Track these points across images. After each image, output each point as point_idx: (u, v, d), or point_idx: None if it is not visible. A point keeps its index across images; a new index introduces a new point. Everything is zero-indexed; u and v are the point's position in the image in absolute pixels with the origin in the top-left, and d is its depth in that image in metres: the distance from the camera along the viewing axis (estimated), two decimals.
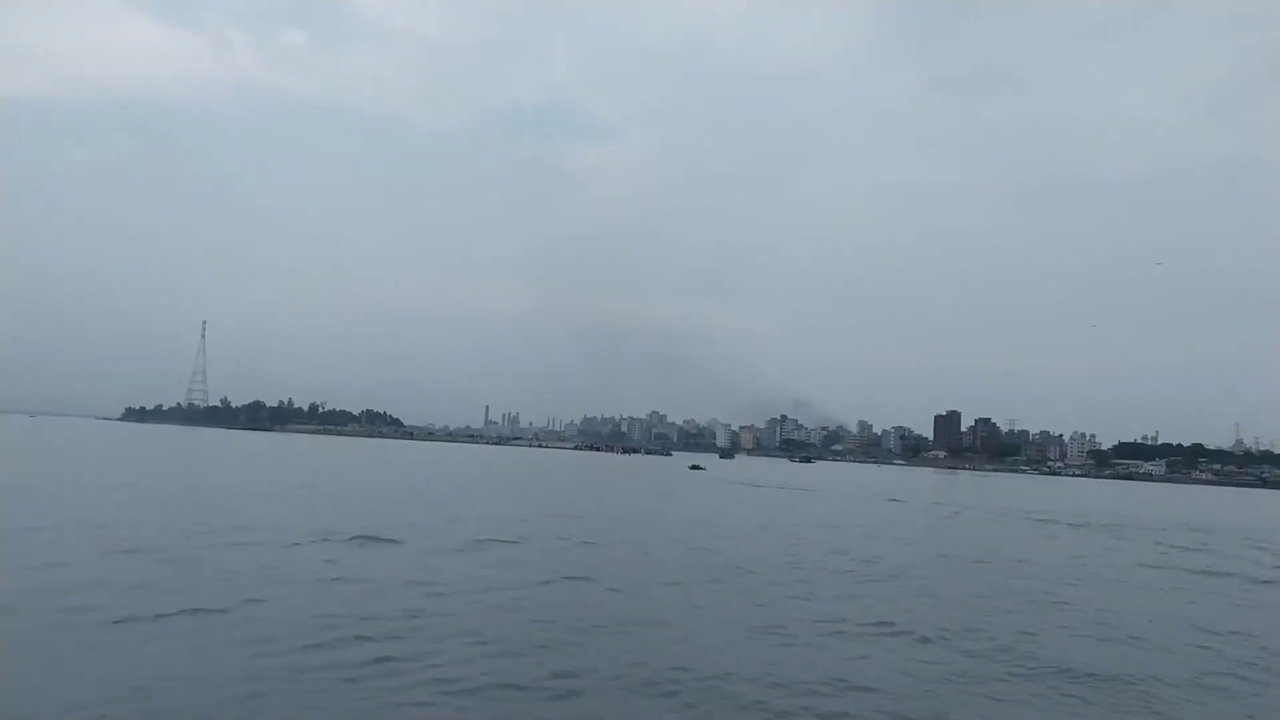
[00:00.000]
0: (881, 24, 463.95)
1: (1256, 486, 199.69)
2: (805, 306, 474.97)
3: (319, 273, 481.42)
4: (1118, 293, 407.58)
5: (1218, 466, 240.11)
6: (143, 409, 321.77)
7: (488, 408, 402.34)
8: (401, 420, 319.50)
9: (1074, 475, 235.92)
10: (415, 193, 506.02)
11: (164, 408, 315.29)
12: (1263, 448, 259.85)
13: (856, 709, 10.24)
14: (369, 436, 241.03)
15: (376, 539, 21.96)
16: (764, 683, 11.04)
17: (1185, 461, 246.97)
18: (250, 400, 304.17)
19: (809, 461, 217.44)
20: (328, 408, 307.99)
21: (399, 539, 22.24)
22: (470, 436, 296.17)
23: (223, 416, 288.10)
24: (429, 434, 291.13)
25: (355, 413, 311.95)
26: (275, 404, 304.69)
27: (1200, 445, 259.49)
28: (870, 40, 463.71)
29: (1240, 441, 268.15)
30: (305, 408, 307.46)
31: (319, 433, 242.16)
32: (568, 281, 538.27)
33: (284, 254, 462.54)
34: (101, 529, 21.03)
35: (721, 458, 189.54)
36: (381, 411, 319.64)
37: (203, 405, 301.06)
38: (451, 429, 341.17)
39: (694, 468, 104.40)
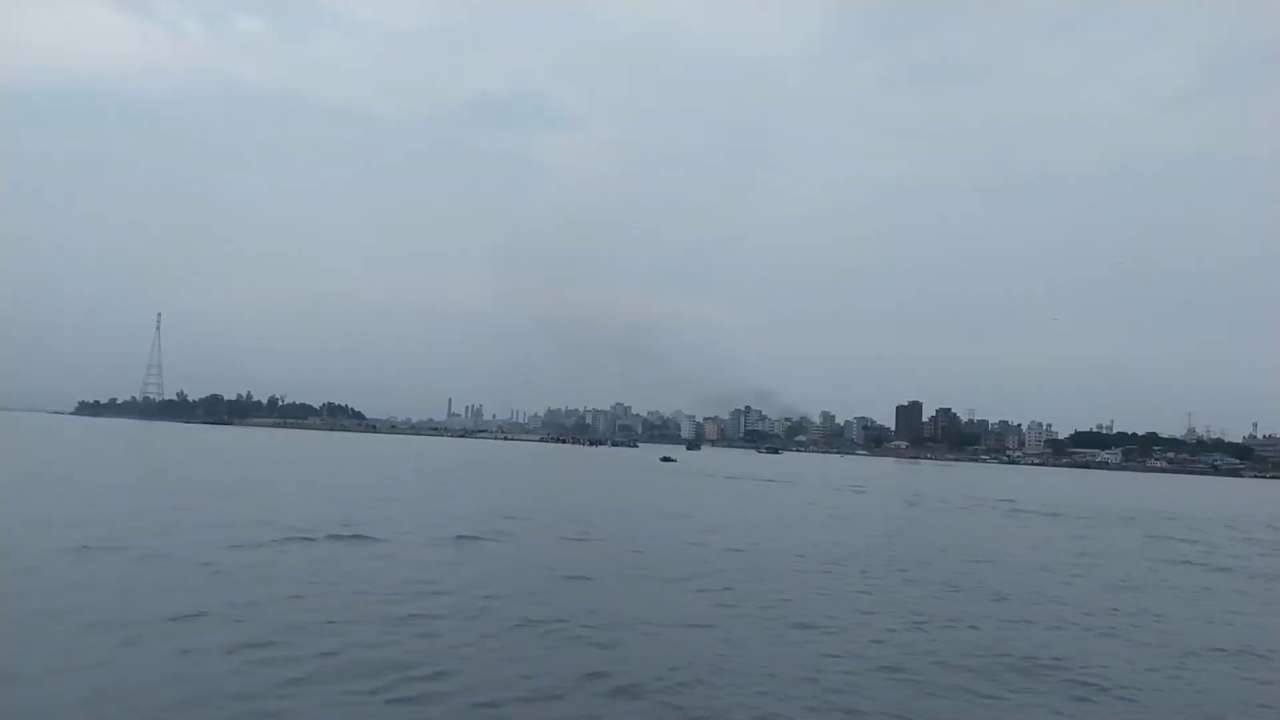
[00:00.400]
0: (844, 17, 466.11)
1: (1210, 474, 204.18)
2: (769, 298, 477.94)
3: (278, 263, 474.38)
4: (1074, 285, 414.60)
5: (1172, 455, 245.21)
6: (97, 403, 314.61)
7: (450, 400, 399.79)
8: (364, 413, 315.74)
9: (1032, 464, 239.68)
10: (377, 183, 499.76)
11: (118, 401, 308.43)
12: (1214, 436, 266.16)
13: None
14: (330, 430, 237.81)
15: (360, 536, 21.32)
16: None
17: (1140, 450, 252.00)
18: (208, 394, 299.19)
19: (776, 452, 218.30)
20: (288, 401, 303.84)
21: (380, 536, 21.62)
22: (434, 429, 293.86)
23: (179, 410, 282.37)
24: (392, 427, 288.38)
25: (316, 406, 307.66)
26: (233, 397, 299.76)
27: (1154, 434, 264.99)
28: (833, 33, 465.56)
29: (1193, 430, 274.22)
30: (265, 401, 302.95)
31: (279, 426, 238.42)
32: (532, 272, 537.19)
33: (242, 244, 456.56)
34: (74, 528, 20.11)
35: (689, 449, 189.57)
36: (343, 404, 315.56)
37: (158, 399, 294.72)
38: (414, 422, 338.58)
39: (665, 459, 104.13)
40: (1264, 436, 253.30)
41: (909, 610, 15.57)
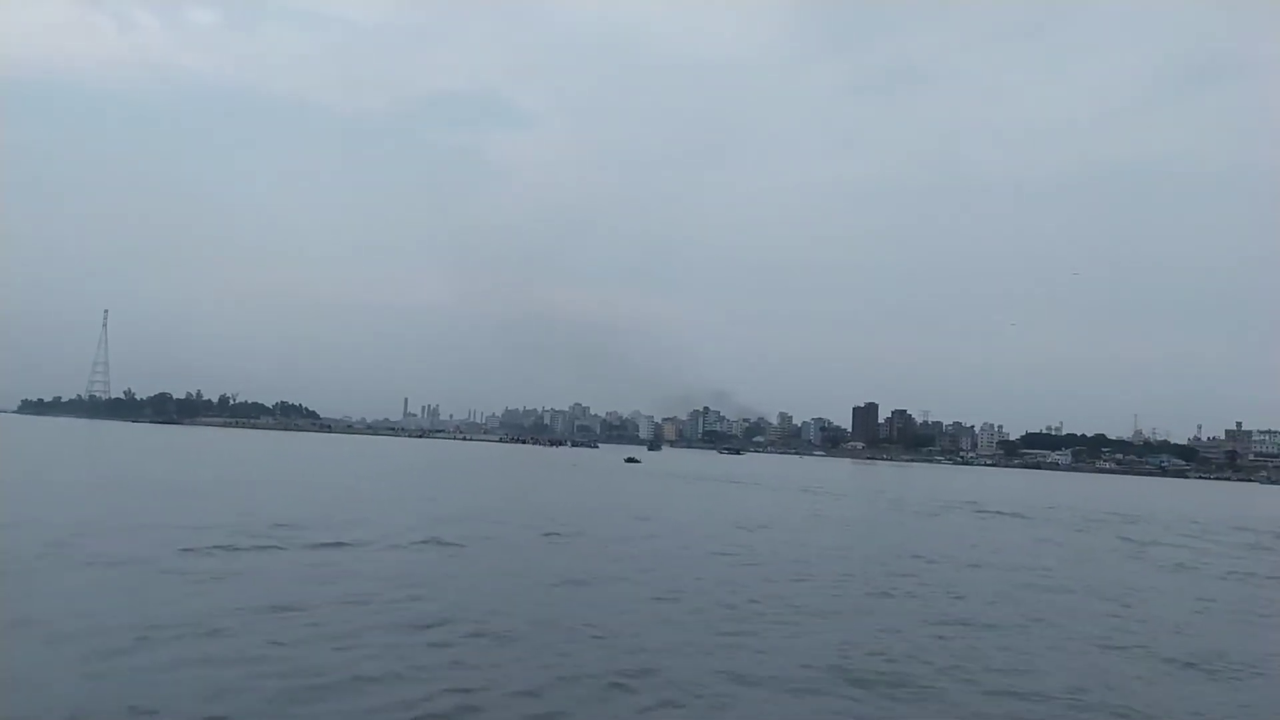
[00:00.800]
0: (802, 20, 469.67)
1: (1157, 475, 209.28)
2: (727, 298, 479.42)
3: (229, 259, 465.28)
4: (1026, 289, 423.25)
5: (1119, 456, 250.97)
6: (41, 401, 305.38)
7: (407, 400, 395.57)
8: (318, 413, 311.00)
9: (985, 465, 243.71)
10: (332, 178, 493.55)
11: (63, 400, 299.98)
12: (1160, 438, 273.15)
13: None
14: (284, 430, 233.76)
15: (340, 543, 20.64)
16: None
17: (1089, 451, 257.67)
18: (156, 392, 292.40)
19: (737, 453, 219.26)
20: (239, 400, 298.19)
21: (361, 540, 20.95)
22: (391, 429, 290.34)
23: (127, 409, 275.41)
24: (347, 427, 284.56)
25: (269, 405, 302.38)
26: (183, 396, 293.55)
27: (1103, 435, 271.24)
28: (792, 36, 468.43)
29: (1139, 432, 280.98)
30: (215, 400, 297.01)
31: (230, 426, 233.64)
32: (490, 271, 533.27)
33: (193, 240, 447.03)
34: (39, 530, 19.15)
35: (650, 450, 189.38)
36: (296, 403, 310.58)
37: (105, 397, 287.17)
38: (369, 421, 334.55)
39: (629, 460, 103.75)
40: (1208, 439, 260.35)
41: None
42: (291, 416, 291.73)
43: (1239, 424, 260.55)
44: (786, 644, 12.67)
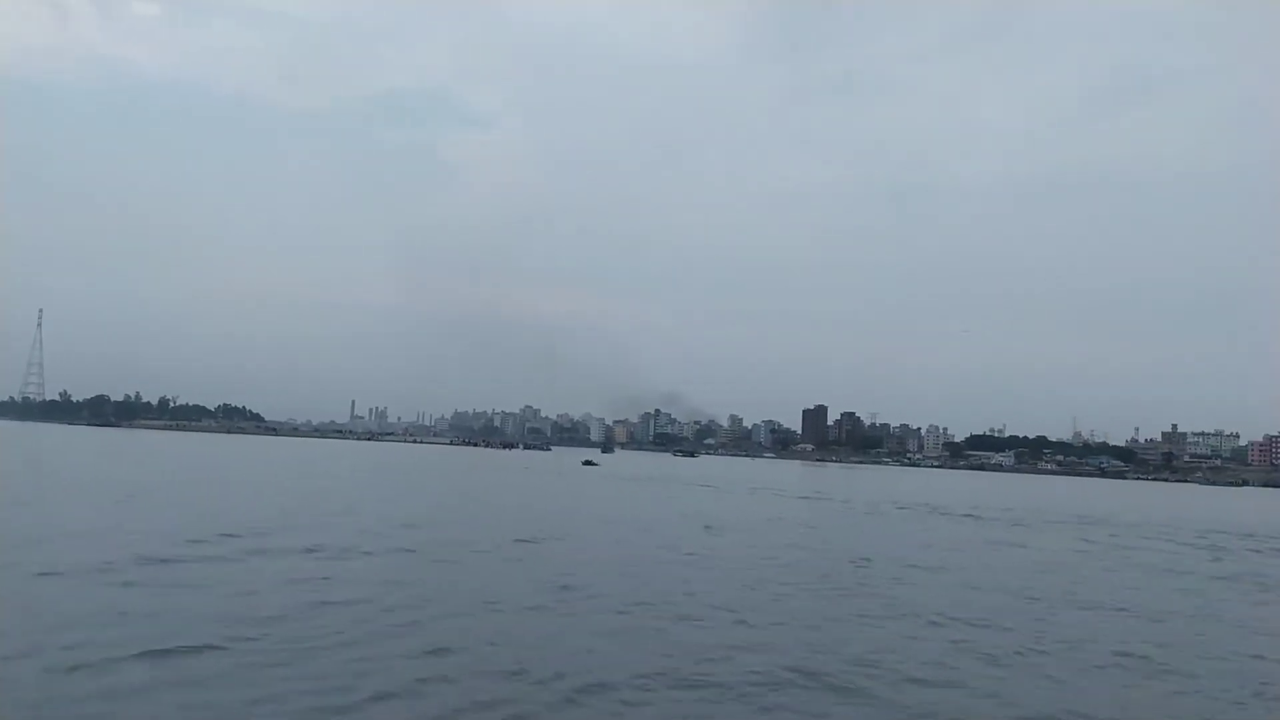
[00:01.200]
0: (756, 26, 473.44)
1: (1097, 476, 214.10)
2: (679, 301, 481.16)
3: (170, 259, 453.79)
4: (969, 293, 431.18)
5: (1060, 457, 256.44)
6: None
7: (354, 402, 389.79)
8: (262, 415, 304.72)
9: (932, 466, 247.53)
10: (278, 175, 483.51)
11: None
12: (1099, 440, 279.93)
13: None
14: (227, 433, 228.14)
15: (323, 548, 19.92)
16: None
17: (1031, 452, 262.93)
18: (93, 394, 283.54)
19: (692, 455, 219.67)
20: (180, 402, 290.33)
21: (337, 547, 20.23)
22: (338, 432, 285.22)
23: (62, 411, 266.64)
24: (293, 429, 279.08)
25: (210, 407, 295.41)
26: (121, 398, 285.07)
27: (1044, 437, 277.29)
28: (746, 41, 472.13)
29: (1079, 434, 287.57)
30: (155, 402, 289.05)
31: (171, 429, 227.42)
32: (440, 272, 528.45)
33: (132, 238, 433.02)
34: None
35: (603, 452, 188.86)
36: (240, 406, 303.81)
37: (39, 399, 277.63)
38: (315, 424, 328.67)
39: (587, 463, 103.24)
40: (1145, 441, 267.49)
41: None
42: (235, 419, 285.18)
43: (1174, 426, 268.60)
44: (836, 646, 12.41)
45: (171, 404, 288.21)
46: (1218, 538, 38.80)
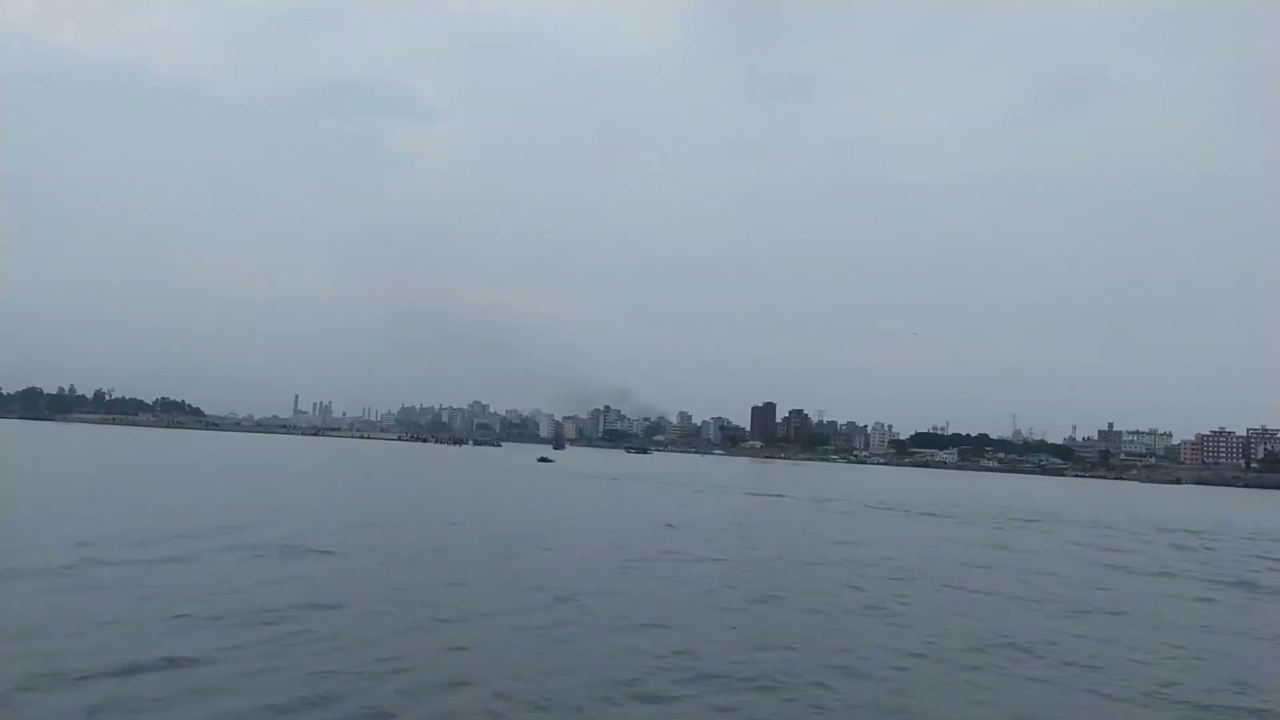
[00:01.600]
0: (703, 25, 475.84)
1: (1036, 473, 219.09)
2: (628, 298, 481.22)
3: (106, 250, 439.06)
4: (914, 293, 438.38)
5: (1001, 455, 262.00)
6: None
7: (297, 396, 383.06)
8: (202, 410, 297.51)
9: (878, 463, 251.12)
10: (217, 165, 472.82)
11: None
12: (1037, 437, 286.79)
13: None
14: (165, 427, 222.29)
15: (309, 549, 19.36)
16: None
17: (974, 450, 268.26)
18: (25, 386, 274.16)
19: (644, 452, 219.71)
20: (116, 395, 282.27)
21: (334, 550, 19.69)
22: (282, 427, 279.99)
23: None
24: (235, 424, 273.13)
25: (148, 401, 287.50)
26: (55, 391, 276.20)
27: (986, 435, 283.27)
28: (692, 41, 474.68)
29: (1019, 432, 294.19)
30: (90, 395, 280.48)
31: (107, 423, 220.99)
32: (386, 265, 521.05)
33: (66, 228, 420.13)
34: None
35: (554, 449, 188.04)
36: (179, 400, 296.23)
37: None
38: (257, 419, 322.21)
39: (542, 460, 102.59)
40: (1082, 439, 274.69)
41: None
42: (173, 413, 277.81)
43: (1110, 425, 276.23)
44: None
45: (107, 397, 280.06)
46: (1211, 539, 39.91)
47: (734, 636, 13.36)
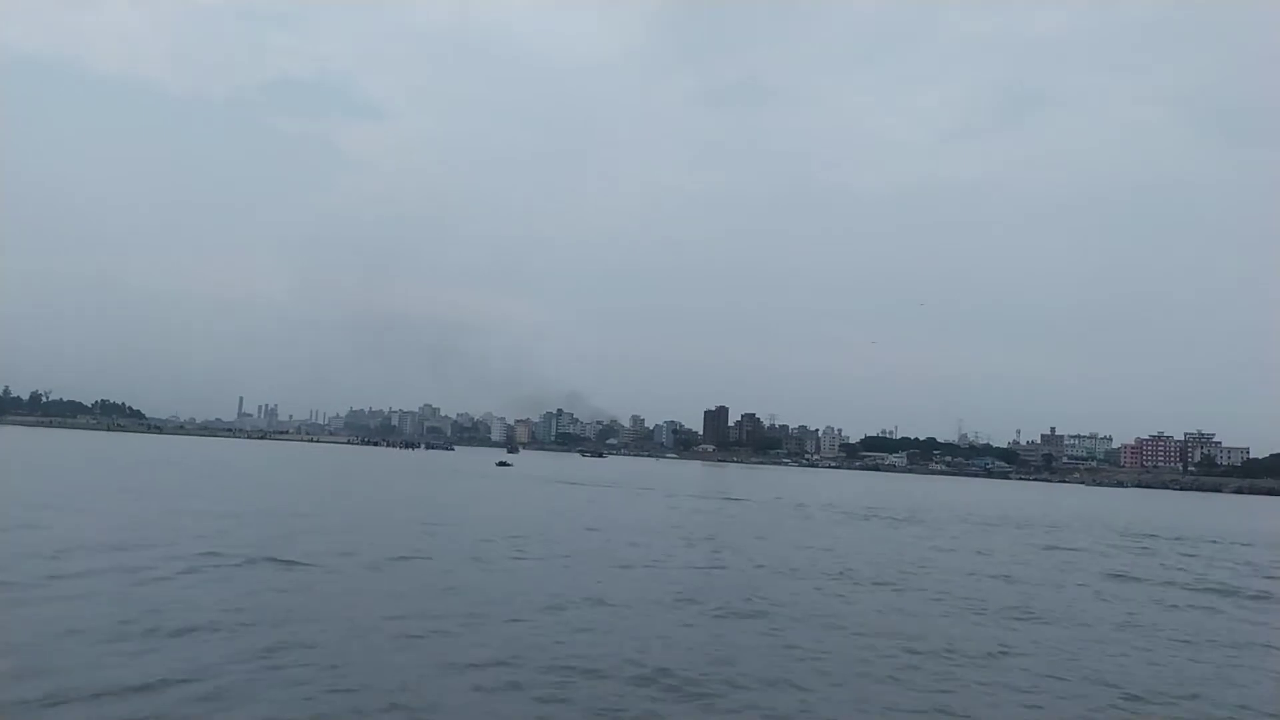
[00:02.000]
0: (660, 30, 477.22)
1: (983, 476, 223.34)
2: (580, 300, 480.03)
3: (46, 246, 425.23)
4: (860, 299, 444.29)
5: (949, 459, 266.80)
6: None
7: (241, 399, 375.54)
8: (143, 412, 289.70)
9: (830, 466, 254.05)
10: (162, 161, 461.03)
11: None
12: (982, 441, 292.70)
13: None
14: (106, 430, 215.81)
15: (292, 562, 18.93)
16: None
17: (922, 453, 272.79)
18: None
19: (599, 455, 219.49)
20: (53, 397, 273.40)
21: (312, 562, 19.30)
22: (227, 430, 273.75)
23: None
24: (178, 427, 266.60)
25: (87, 404, 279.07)
26: None
27: (934, 439, 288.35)
28: (650, 45, 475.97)
29: (964, 436, 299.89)
30: (25, 397, 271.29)
31: (44, 426, 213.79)
32: (335, 266, 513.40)
33: (3, 223, 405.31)
34: None
35: (509, 452, 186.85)
36: (119, 402, 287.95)
37: None
38: (200, 421, 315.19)
39: (501, 464, 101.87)
40: (1026, 443, 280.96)
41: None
42: (114, 416, 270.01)
43: (1053, 429, 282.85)
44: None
45: (44, 399, 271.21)
46: (1204, 545, 40.97)
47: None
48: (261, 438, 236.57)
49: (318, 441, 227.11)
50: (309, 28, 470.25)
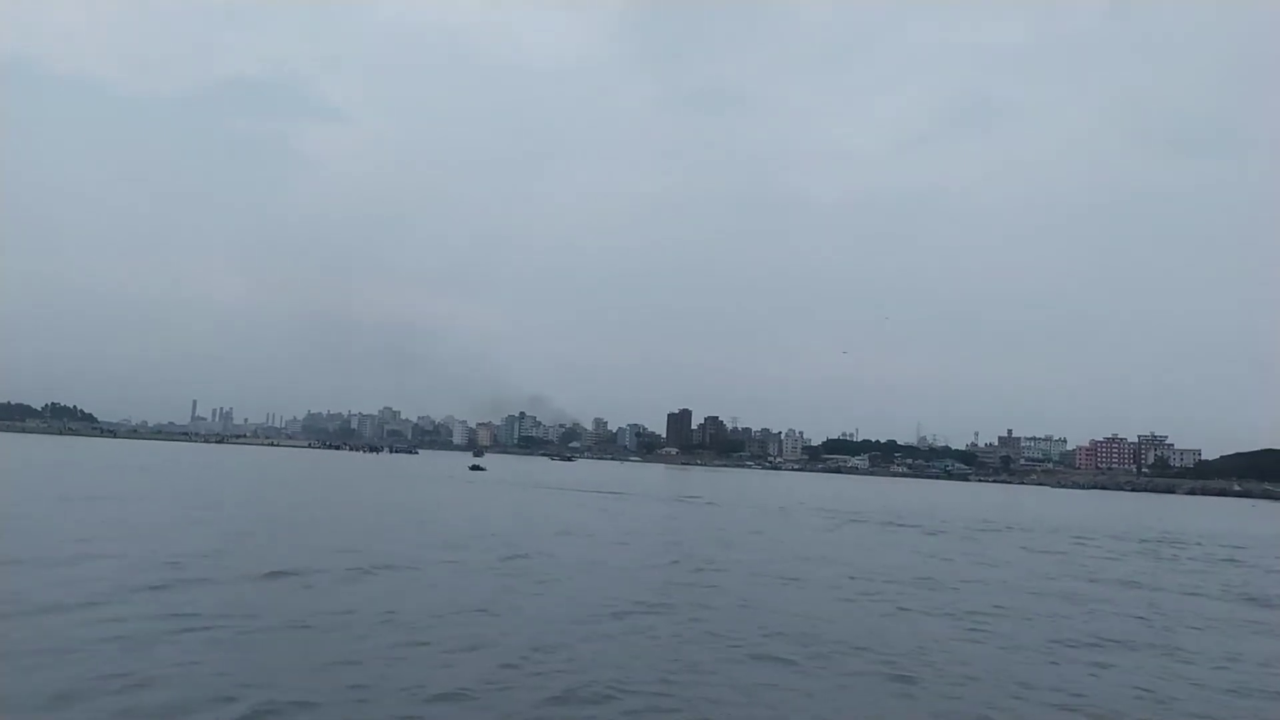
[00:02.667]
0: (622, 36, 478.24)
1: (943, 478, 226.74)
2: (542, 303, 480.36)
3: None
4: (821, 304, 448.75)
5: (910, 461, 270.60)
6: None
7: (195, 402, 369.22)
8: (95, 415, 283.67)
9: (793, 469, 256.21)
10: (115, 161, 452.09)
11: None
12: (940, 443, 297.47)
13: None
14: (56, 434, 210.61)
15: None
16: None
17: (884, 456, 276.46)
18: None
19: (569, 460, 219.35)
20: (1, 401, 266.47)
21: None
22: (183, 433, 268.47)
23: None
24: (131, 430, 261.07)
25: (37, 407, 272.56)
26: None
27: (894, 441, 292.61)
28: (609, 50, 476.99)
29: (924, 439, 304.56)
30: None
31: None
32: (291, 268, 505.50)
33: None
34: None
35: (475, 456, 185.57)
36: (70, 405, 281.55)
37: None
38: (154, 425, 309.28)
39: (475, 468, 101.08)
40: (984, 445, 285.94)
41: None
42: (63, 419, 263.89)
43: (1010, 431, 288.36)
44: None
45: None
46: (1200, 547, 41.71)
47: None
48: (219, 441, 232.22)
49: (277, 445, 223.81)
50: (263, 28, 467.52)
